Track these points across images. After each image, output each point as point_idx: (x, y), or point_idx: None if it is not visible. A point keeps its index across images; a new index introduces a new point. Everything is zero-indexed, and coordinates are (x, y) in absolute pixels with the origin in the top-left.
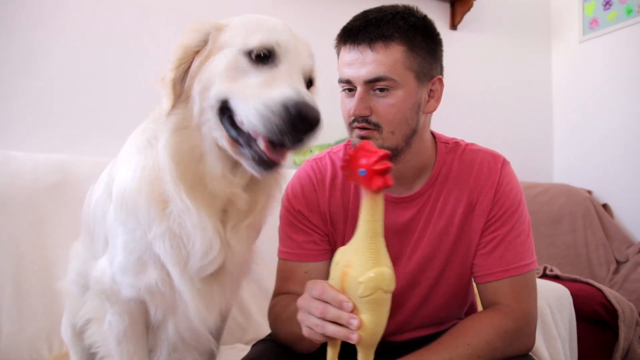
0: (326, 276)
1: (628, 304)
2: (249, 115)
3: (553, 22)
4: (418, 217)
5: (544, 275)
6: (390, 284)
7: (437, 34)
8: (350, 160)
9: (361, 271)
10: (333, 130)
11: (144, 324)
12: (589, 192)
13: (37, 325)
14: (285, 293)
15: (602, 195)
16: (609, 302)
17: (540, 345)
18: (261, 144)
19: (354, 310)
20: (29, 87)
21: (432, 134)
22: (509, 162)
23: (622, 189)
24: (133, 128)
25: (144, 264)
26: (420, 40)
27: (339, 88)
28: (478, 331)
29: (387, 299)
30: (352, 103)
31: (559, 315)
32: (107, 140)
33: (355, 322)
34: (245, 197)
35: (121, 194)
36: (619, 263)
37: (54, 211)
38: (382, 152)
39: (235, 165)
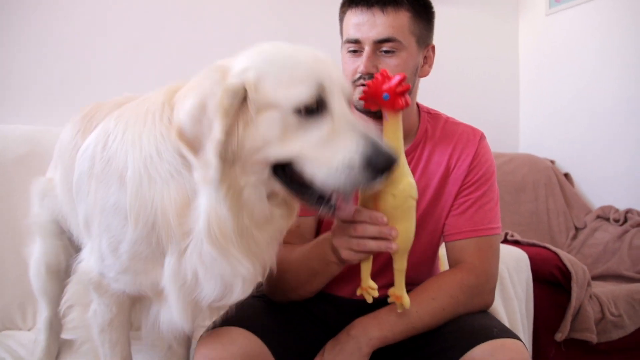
0: (315, 230)
1: (581, 266)
2: (326, 178)
3: None
4: None
5: (505, 241)
6: (416, 192)
7: (432, 7)
8: (371, 88)
9: (393, 185)
10: None
11: (129, 314)
12: (552, 162)
13: (10, 295)
14: None
15: (565, 165)
16: (564, 264)
17: (497, 304)
18: (334, 199)
19: (388, 223)
20: None
21: (417, 103)
22: (485, 137)
23: (583, 159)
24: (100, 98)
25: (153, 265)
26: (422, 9)
27: None
28: (442, 286)
29: (414, 206)
30: (357, 62)
31: (517, 277)
32: (75, 111)
33: (394, 233)
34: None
35: (143, 205)
36: (577, 229)
37: (24, 182)
38: (401, 75)
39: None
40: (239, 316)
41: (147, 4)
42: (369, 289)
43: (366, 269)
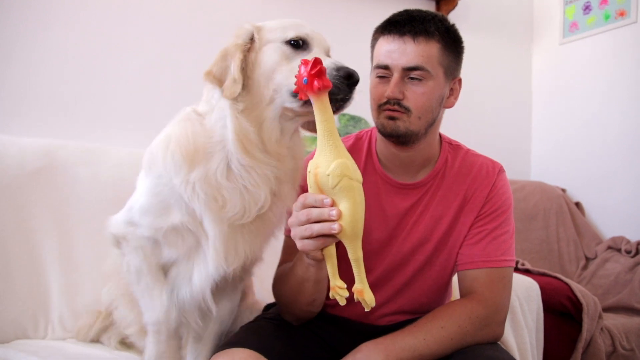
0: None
1: (592, 298)
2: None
3: (535, 24)
4: (417, 204)
5: (516, 269)
6: (355, 173)
7: (462, 41)
8: (296, 77)
9: (326, 165)
10: None
11: (157, 261)
12: (563, 190)
13: (22, 306)
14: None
15: (576, 193)
16: (575, 295)
17: (508, 334)
18: None
19: (332, 205)
20: (14, 72)
21: (439, 133)
22: (504, 171)
23: (594, 189)
24: (118, 114)
25: (167, 206)
26: (452, 42)
27: None
28: (451, 315)
29: (357, 187)
30: (385, 87)
31: (527, 307)
32: (92, 126)
33: (334, 212)
34: (289, 158)
35: (150, 151)
36: (588, 259)
37: (40, 195)
38: (315, 58)
39: (283, 133)
40: (247, 338)
41: (166, 22)
42: (337, 288)
43: (331, 265)
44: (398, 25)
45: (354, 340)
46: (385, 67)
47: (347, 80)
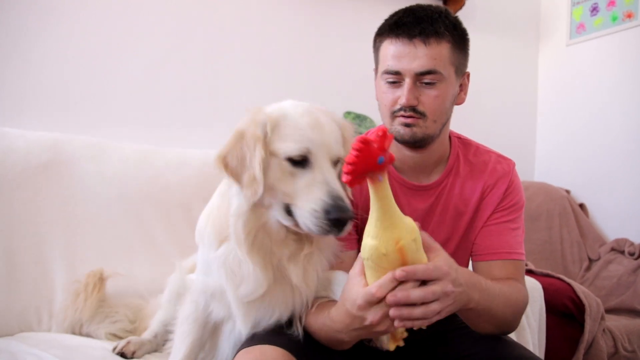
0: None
1: (595, 299)
2: (304, 222)
3: (542, 25)
4: (436, 204)
5: None
6: (409, 236)
7: (468, 34)
8: (362, 158)
9: (409, 230)
10: None
11: (205, 316)
12: (567, 191)
13: (27, 300)
14: None
15: (580, 195)
16: (578, 296)
17: (510, 334)
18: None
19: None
20: (22, 65)
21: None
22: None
23: (598, 190)
24: (124, 110)
25: (210, 269)
26: (460, 39)
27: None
28: (509, 284)
29: (416, 247)
30: (396, 93)
31: (530, 307)
32: (99, 121)
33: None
34: (294, 245)
35: (198, 221)
36: (591, 261)
37: (46, 189)
38: (382, 131)
39: (288, 229)
40: (277, 335)
41: (172, 19)
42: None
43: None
44: (405, 27)
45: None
46: (396, 73)
47: (336, 227)
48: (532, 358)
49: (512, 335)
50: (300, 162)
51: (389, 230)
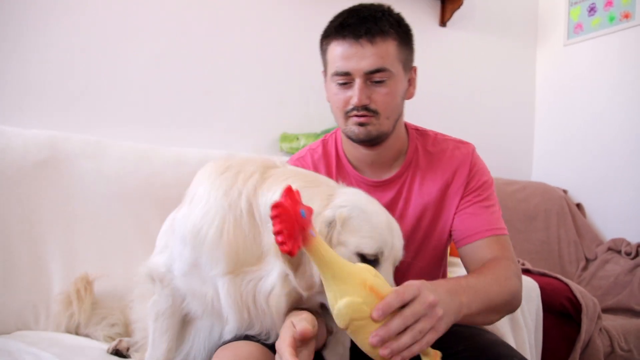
0: None
1: (592, 299)
2: None
3: (540, 25)
4: (397, 199)
5: None
6: (369, 273)
7: (411, 29)
8: (284, 219)
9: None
10: (321, 120)
11: (181, 311)
12: (565, 191)
13: (23, 298)
14: None
15: (577, 195)
16: (575, 296)
17: (507, 333)
18: None
19: None
20: (19, 64)
21: (404, 123)
22: (476, 149)
23: (596, 190)
24: (122, 107)
25: (204, 281)
26: (404, 34)
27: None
28: (495, 267)
29: (382, 282)
30: (347, 93)
31: (527, 307)
32: (96, 119)
33: None
34: None
35: (190, 219)
36: (588, 260)
37: (43, 187)
38: (284, 190)
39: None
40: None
41: (171, 18)
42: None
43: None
44: (351, 28)
45: None
46: (346, 74)
47: None
48: (514, 356)
49: (509, 334)
50: (370, 260)
51: (350, 278)
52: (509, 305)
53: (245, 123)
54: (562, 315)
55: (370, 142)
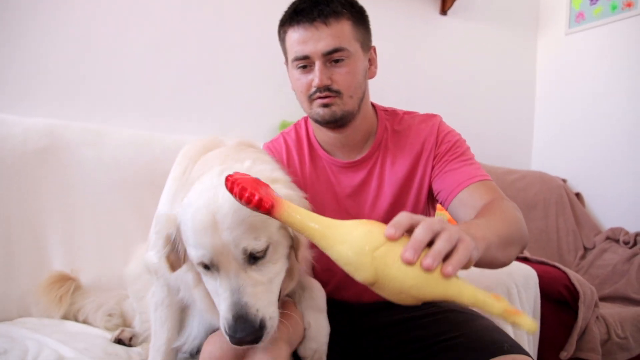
0: None
1: (589, 287)
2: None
3: (541, 13)
4: (369, 179)
5: None
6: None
7: (365, 10)
8: (241, 185)
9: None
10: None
11: (177, 300)
12: (564, 180)
13: (25, 285)
14: None
15: (576, 184)
16: (572, 284)
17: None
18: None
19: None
20: (19, 52)
21: (372, 103)
22: (442, 119)
23: (595, 180)
24: (121, 95)
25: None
26: (359, 15)
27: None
28: (497, 207)
29: (387, 250)
30: (309, 77)
31: (525, 294)
32: (96, 107)
33: None
34: None
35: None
36: (586, 249)
37: (43, 175)
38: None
39: None
40: None
41: (171, 7)
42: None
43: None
44: (304, 12)
45: (354, 319)
46: (305, 58)
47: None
48: (506, 342)
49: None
50: (208, 267)
51: (340, 223)
52: (521, 236)
53: (245, 111)
54: (559, 302)
55: (336, 122)
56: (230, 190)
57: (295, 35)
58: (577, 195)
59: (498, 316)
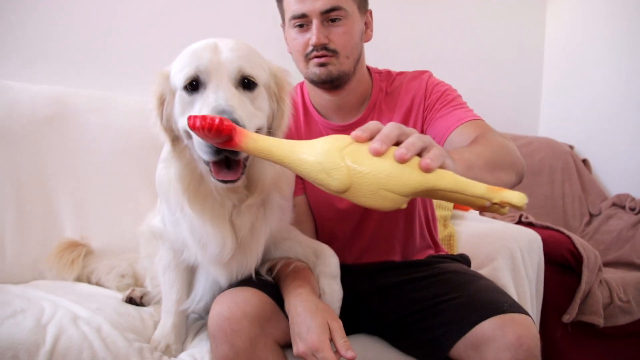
0: (308, 205)
1: (593, 251)
2: (198, 152)
3: None
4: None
5: (519, 222)
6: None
7: None
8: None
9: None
10: None
11: (183, 262)
12: (571, 147)
13: (37, 249)
14: None
15: (583, 150)
16: (576, 248)
17: (508, 283)
18: (211, 168)
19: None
20: (26, 19)
21: (367, 67)
22: (432, 74)
23: (602, 146)
24: (127, 62)
25: (180, 224)
26: None
27: None
28: (484, 137)
29: (356, 148)
30: (306, 36)
31: (529, 258)
32: (102, 74)
33: None
34: (243, 190)
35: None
36: (592, 216)
37: (52, 142)
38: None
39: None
40: (254, 279)
41: None
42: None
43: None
44: None
45: (354, 281)
46: (302, 16)
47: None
48: (505, 301)
49: (510, 284)
50: (196, 87)
51: (305, 142)
52: (511, 161)
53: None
54: (563, 267)
55: (332, 82)
56: (192, 124)
57: None
58: (584, 161)
59: (482, 197)
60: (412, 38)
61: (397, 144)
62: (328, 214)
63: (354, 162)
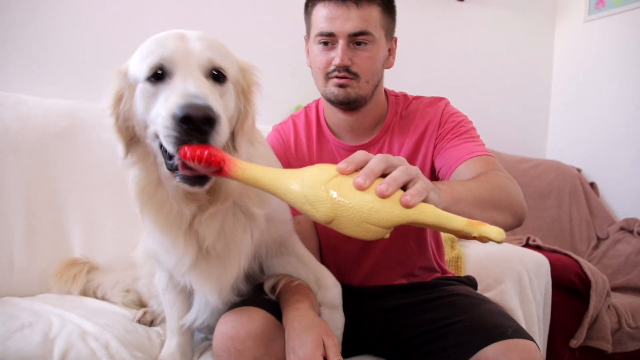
0: (312, 225)
1: (601, 276)
2: (161, 140)
3: (559, 0)
4: None
5: (527, 245)
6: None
7: (394, 1)
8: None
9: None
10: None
11: (180, 284)
12: (579, 170)
13: (46, 262)
14: None
15: (591, 174)
16: (584, 272)
17: (515, 306)
18: (177, 163)
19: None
20: (40, 33)
21: (384, 89)
22: (449, 102)
23: (610, 170)
24: None
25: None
26: (388, 3)
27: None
28: (486, 175)
29: (340, 180)
30: (329, 55)
31: (536, 282)
32: None
33: None
34: (205, 196)
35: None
36: (599, 239)
37: (63, 155)
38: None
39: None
40: (258, 298)
41: None
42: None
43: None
44: None
45: (358, 303)
46: (329, 35)
47: (186, 132)
48: (510, 326)
49: (518, 307)
50: (161, 76)
51: (291, 171)
52: (510, 203)
53: (259, 94)
54: (571, 291)
55: (349, 104)
56: (182, 154)
57: (324, 10)
58: (592, 185)
59: (462, 230)
60: (421, 60)
61: (385, 175)
62: (332, 232)
63: (339, 195)
